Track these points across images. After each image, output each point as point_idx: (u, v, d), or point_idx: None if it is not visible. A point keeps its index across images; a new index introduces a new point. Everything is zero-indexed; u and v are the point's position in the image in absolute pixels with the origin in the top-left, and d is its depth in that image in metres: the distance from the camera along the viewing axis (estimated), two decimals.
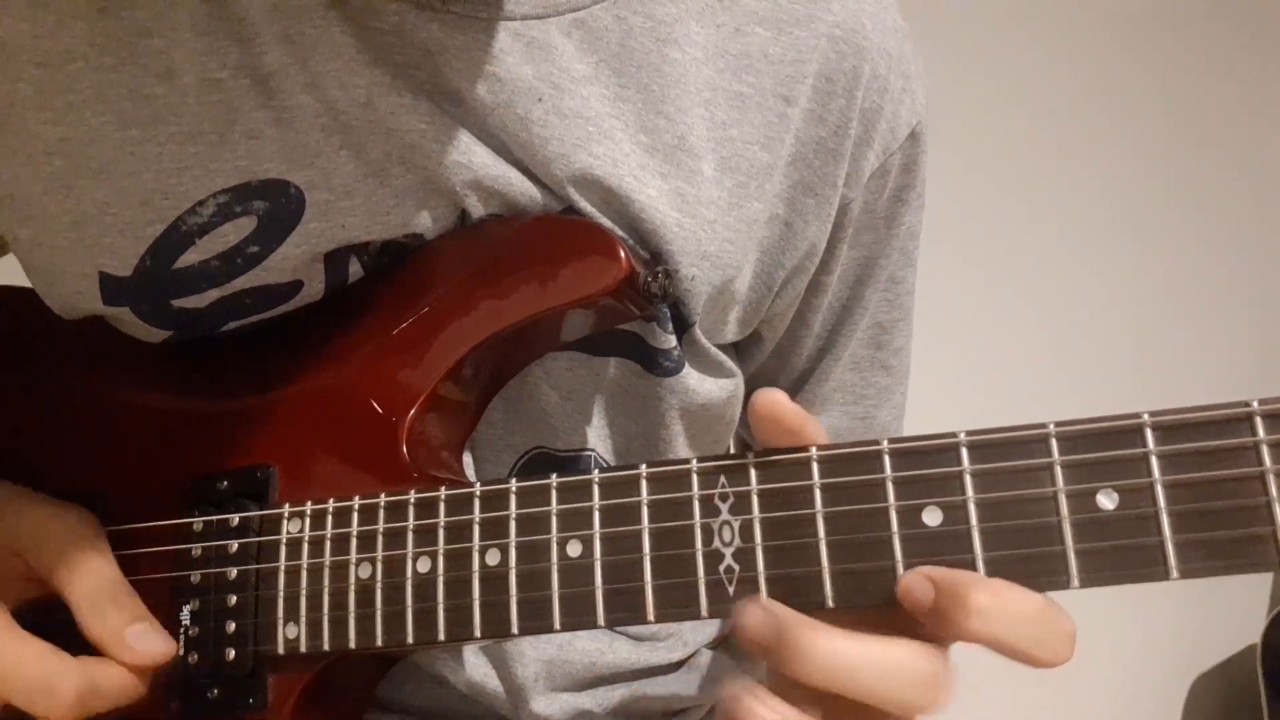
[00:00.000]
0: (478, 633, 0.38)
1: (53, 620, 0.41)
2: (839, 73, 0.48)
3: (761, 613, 0.32)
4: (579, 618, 0.37)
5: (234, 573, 0.43)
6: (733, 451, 0.56)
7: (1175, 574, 0.31)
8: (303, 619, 0.41)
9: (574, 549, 0.37)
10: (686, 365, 0.49)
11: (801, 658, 0.31)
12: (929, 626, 0.32)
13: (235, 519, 0.43)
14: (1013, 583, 0.32)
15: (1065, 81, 1.41)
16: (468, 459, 0.49)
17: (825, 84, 0.48)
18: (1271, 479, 0.30)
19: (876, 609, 0.34)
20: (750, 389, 0.54)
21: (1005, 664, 0.32)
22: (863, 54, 0.49)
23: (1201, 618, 1.42)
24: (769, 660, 0.32)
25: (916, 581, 0.32)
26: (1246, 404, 0.31)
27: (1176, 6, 1.45)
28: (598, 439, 0.51)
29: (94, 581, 0.41)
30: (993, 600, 0.31)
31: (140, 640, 0.41)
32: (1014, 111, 1.39)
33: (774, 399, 0.35)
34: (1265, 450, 0.30)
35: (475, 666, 0.51)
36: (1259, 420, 0.30)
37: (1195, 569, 0.31)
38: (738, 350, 0.54)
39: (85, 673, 0.39)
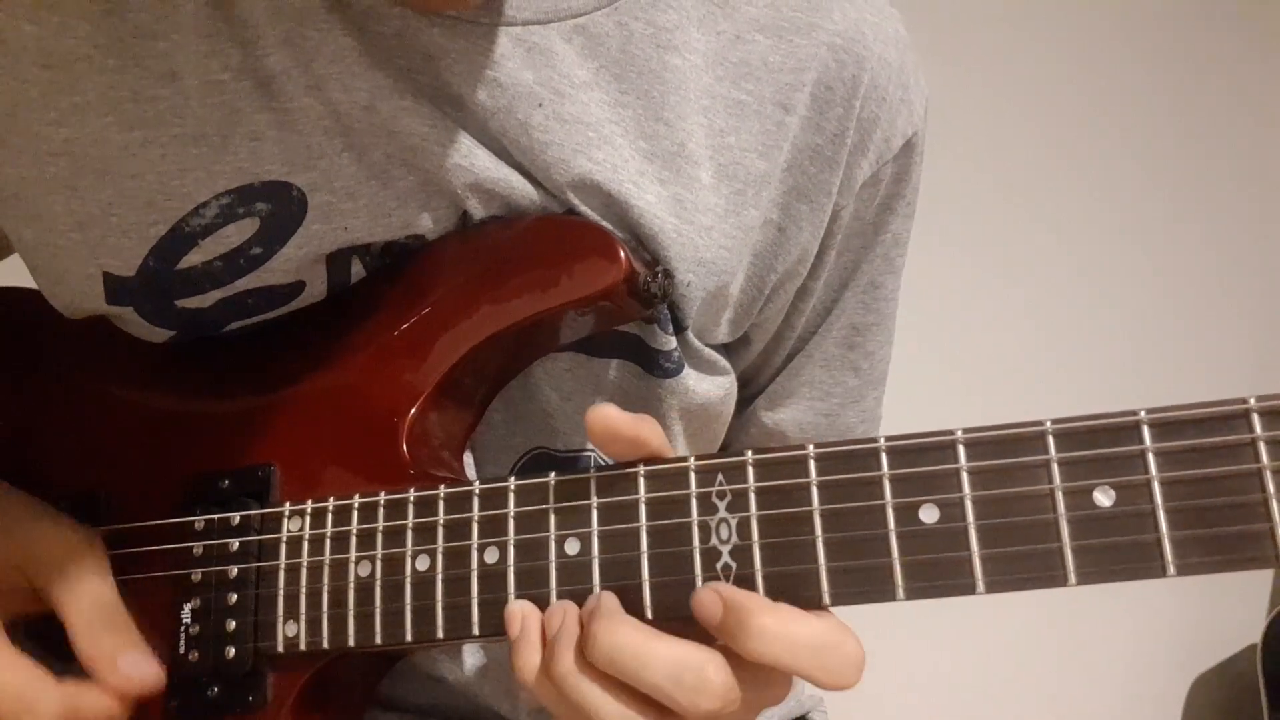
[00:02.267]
0: (476, 630, 0.38)
1: (49, 637, 0.41)
2: (838, 81, 0.48)
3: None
4: None
5: (234, 571, 0.43)
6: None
7: (1172, 570, 0.31)
8: (302, 617, 0.41)
9: (572, 546, 0.37)
10: (686, 366, 0.49)
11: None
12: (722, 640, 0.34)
13: (236, 517, 0.43)
14: (800, 610, 0.33)
15: (1063, 83, 1.41)
16: (468, 459, 0.49)
17: (824, 92, 0.48)
18: (1268, 475, 0.30)
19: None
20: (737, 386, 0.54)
21: (1005, 664, 0.32)
22: (862, 63, 0.48)
23: (1201, 618, 1.42)
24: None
25: (707, 596, 0.34)
26: (1243, 401, 0.31)
27: (1175, 6, 1.46)
28: None
29: (90, 603, 0.41)
30: (774, 623, 0.32)
31: (131, 667, 0.41)
32: (1013, 111, 1.39)
33: (604, 413, 0.36)
34: (1262, 447, 0.30)
35: (473, 666, 0.51)
36: (1256, 417, 0.30)
37: (1192, 566, 0.31)
38: (727, 351, 0.54)
39: (67, 696, 0.39)
